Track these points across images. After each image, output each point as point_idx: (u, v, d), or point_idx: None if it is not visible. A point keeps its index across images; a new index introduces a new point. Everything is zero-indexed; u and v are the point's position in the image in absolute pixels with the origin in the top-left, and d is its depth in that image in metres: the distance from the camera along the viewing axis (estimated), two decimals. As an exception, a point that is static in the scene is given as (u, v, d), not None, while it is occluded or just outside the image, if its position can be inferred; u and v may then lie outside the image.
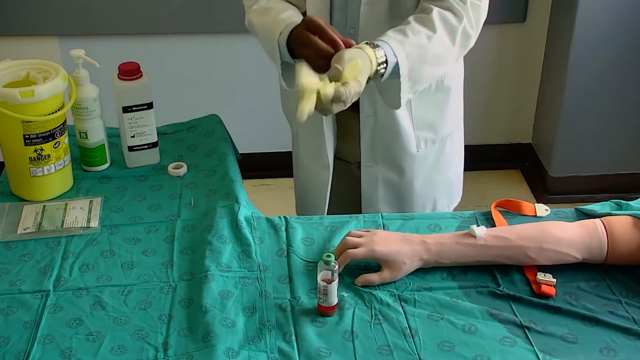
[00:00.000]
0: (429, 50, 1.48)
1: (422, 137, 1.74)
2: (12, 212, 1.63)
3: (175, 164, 1.79)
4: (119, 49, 3.06)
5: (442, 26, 1.50)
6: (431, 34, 1.49)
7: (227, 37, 3.14)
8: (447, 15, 1.51)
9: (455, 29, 1.52)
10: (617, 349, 1.28)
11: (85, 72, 1.72)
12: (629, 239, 1.43)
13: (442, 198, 1.86)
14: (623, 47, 3.04)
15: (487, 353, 1.27)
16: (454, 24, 1.51)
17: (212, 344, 1.26)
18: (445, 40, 1.51)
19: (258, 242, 1.53)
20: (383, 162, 1.76)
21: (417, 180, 1.79)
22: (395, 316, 1.35)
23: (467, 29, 1.53)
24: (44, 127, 1.61)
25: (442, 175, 1.83)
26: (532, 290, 1.41)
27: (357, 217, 1.61)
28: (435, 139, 1.77)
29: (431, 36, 1.48)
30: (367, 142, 1.74)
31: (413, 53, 1.46)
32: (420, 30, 1.48)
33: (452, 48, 1.53)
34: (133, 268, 1.47)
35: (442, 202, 1.87)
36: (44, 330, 1.31)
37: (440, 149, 1.80)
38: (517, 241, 1.43)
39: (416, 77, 1.49)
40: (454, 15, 1.52)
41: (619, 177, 3.33)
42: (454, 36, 1.52)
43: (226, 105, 3.24)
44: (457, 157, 1.89)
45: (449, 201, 1.89)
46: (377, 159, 1.76)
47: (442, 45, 1.51)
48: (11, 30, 3.03)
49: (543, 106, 3.39)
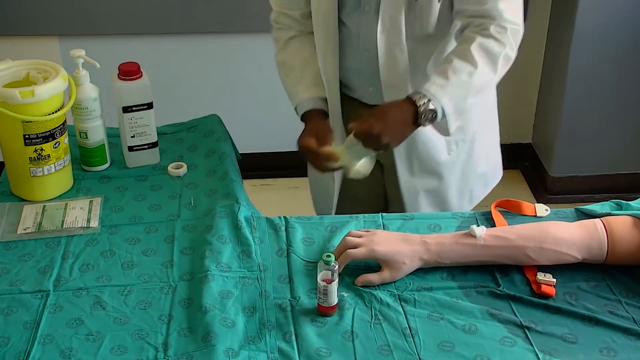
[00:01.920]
0: (471, 86, 1.55)
1: (452, 141, 1.77)
2: (12, 212, 1.63)
3: (175, 164, 1.79)
4: (119, 49, 3.05)
5: (483, 58, 1.55)
6: (472, 69, 1.54)
7: (228, 37, 3.14)
8: (488, 44, 1.56)
9: (496, 57, 1.56)
10: (617, 349, 1.28)
11: (85, 72, 1.72)
12: (629, 239, 1.43)
13: (477, 187, 1.89)
14: (623, 47, 3.04)
15: (487, 353, 1.27)
16: (496, 52, 1.56)
17: (212, 344, 1.26)
18: (487, 71, 1.56)
19: (258, 242, 1.53)
20: (420, 172, 1.79)
21: (452, 180, 1.83)
22: (395, 316, 1.35)
23: (508, 53, 1.58)
24: (44, 127, 1.61)
25: (475, 168, 1.86)
26: (532, 290, 1.41)
27: (357, 217, 1.61)
28: (464, 138, 1.79)
29: (472, 72, 1.54)
30: (402, 156, 1.77)
31: (455, 93, 1.54)
32: (461, 68, 1.54)
33: (494, 76, 1.59)
34: (133, 268, 1.47)
35: (478, 191, 1.90)
36: (44, 330, 1.31)
37: (470, 146, 1.82)
38: (517, 241, 1.43)
39: (461, 109, 1.57)
40: (495, 42, 1.56)
41: (619, 177, 3.33)
42: (495, 65, 1.57)
43: (226, 105, 3.24)
44: (491, 147, 1.91)
45: (485, 188, 1.92)
46: (413, 171, 1.79)
47: (483, 77, 1.57)
48: (11, 30, 3.03)
49: (543, 106, 3.39)
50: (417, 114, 1.52)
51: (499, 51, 1.56)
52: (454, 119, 1.57)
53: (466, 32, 1.59)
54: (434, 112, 1.53)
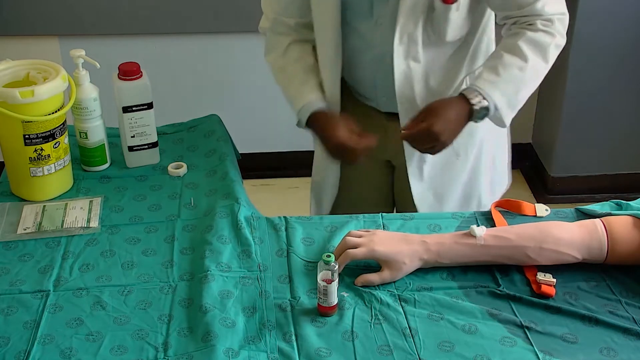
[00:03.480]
0: (523, 80, 1.59)
1: (461, 144, 1.75)
2: (12, 212, 1.63)
3: (175, 164, 1.79)
4: (119, 49, 3.05)
5: (533, 51, 1.58)
6: (523, 64, 1.57)
7: (227, 37, 3.14)
8: (538, 37, 1.58)
9: (547, 47, 1.59)
10: (617, 349, 1.28)
11: (85, 72, 1.72)
12: (629, 239, 1.43)
13: (485, 195, 1.89)
14: (623, 48, 3.04)
15: (487, 353, 1.27)
16: (546, 42, 1.59)
17: (212, 344, 1.26)
18: (539, 63, 1.59)
19: (258, 242, 1.52)
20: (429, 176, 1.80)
21: (458, 184, 1.83)
22: (395, 316, 1.35)
23: (558, 42, 1.61)
24: (44, 127, 1.61)
25: (482, 175, 1.86)
26: (532, 290, 1.41)
27: (357, 217, 1.61)
28: (473, 142, 1.80)
29: (523, 66, 1.57)
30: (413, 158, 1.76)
31: (507, 89, 1.58)
32: (512, 63, 1.57)
33: (546, 65, 1.61)
34: (133, 268, 1.47)
35: (485, 197, 1.89)
36: (44, 330, 1.31)
37: (479, 152, 1.82)
38: (517, 241, 1.43)
39: (514, 104, 1.60)
40: (544, 34, 1.58)
41: (619, 177, 3.33)
42: (546, 55, 1.59)
43: (226, 105, 3.24)
44: (498, 152, 1.91)
45: (492, 196, 1.91)
46: (423, 174, 1.80)
47: (535, 70, 1.59)
48: (11, 30, 3.03)
49: (543, 106, 3.39)
50: (471, 111, 1.56)
51: (549, 42, 1.59)
52: (508, 113, 1.60)
53: (514, 27, 1.61)
54: (486, 109, 1.56)
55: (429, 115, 1.55)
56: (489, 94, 1.57)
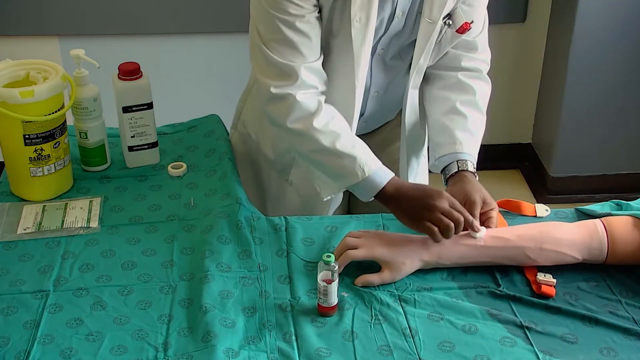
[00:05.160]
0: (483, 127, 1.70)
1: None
2: (12, 212, 1.63)
3: (175, 164, 1.79)
4: (119, 49, 3.05)
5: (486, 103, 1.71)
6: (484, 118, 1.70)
7: (227, 37, 3.14)
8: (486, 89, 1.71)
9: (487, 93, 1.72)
10: (617, 349, 1.29)
11: (85, 72, 1.72)
12: (629, 239, 1.43)
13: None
14: (623, 47, 3.04)
15: (487, 353, 1.27)
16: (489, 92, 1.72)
17: (212, 344, 1.26)
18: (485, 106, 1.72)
19: (258, 242, 1.53)
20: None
21: None
22: (395, 316, 1.35)
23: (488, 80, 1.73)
24: (44, 127, 1.61)
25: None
26: (532, 291, 1.41)
27: (357, 217, 1.61)
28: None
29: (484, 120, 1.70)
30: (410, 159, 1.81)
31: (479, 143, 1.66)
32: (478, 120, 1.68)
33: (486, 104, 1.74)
34: (133, 268, 1.47)
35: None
36: (44, 330, 1.31)
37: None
38: (517, 242, 1.43)
39: None
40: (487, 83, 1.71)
41: (619, 177, 3.33)
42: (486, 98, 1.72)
43: (226, 105, 3.23)
44: None
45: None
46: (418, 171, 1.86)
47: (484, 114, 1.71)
48: (11, 30, 3.03)
49: (543, 106, 3.39)
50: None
51: (489, 91, 1.72)
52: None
53: (464, 78, 1.68)
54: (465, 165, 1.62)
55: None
56: (473, 155, 1.63)
